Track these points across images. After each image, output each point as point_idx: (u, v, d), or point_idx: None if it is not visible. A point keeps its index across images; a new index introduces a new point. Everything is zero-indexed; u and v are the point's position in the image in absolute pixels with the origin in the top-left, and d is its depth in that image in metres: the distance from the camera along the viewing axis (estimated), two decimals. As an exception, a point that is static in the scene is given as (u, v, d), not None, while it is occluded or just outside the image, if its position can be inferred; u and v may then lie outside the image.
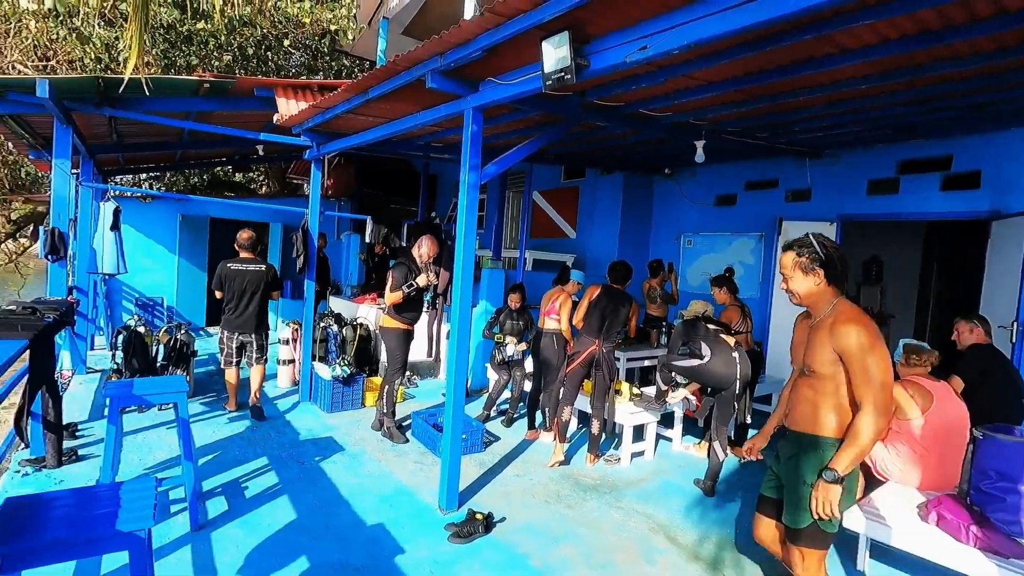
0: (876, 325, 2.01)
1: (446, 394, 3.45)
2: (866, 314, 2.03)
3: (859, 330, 1.95)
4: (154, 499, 1.74)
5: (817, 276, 2.06)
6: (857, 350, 1.94)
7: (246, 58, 9.48)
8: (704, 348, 4.03)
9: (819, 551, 2.10)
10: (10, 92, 3.84)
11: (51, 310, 3.20)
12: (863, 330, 1.94)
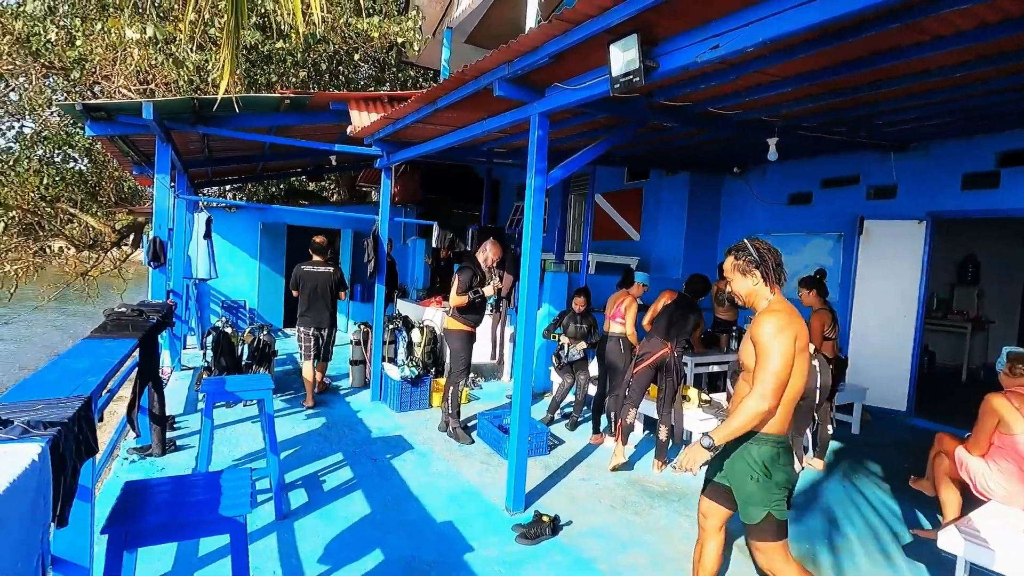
0: (789, 317, 2.06)
1: (512, 397, 3.50)
2: (786, 313, 2.08)
3: (766, 319, 2.05)
4: (250, 488, 1.88)
5: (754, 277, 2.19)
6: (761, 337, 2.03)
7: (319, 73, 9.99)
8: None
9: (778, 541, 2.14)
10: (120, 115, 4.26)
11: (154, 312, 3.52)
12: (770, 319, 2.04)
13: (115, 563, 1.58)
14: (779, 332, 2.01)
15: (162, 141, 4.55)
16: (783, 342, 2.00)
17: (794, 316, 2.08)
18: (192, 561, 2.76)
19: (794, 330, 2.04)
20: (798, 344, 2.04)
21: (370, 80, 12.24)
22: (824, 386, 3.75)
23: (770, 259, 2.18)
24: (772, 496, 2.10)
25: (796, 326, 2.06)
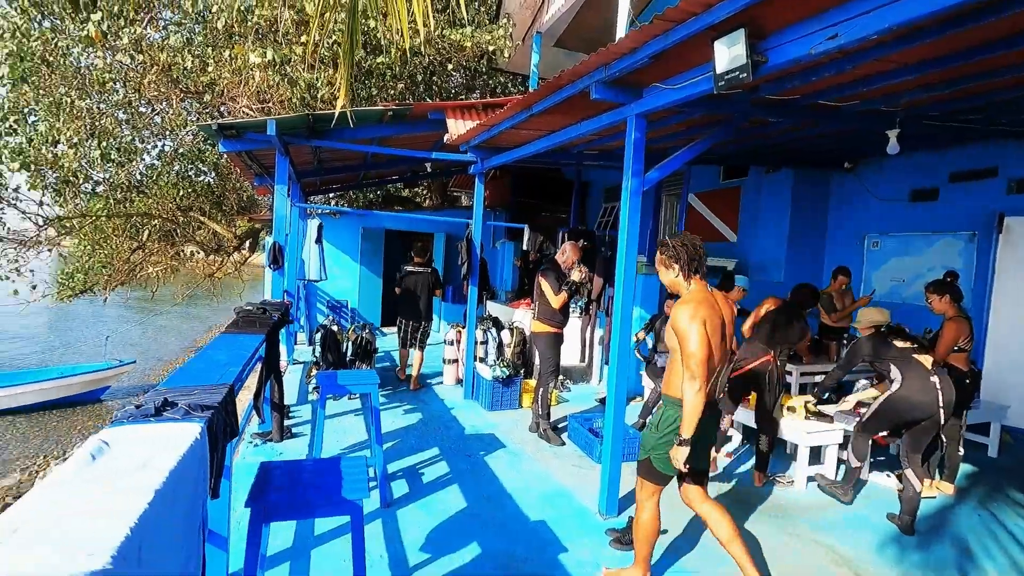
0: (698, 304, 2.37)
1: (606, 400, 3.48)
2: (696, 302, 2.39)
3: (680, 308, 2.39)
4: (366, 475, 2.03)
5: (673, 269, 2.54)
6: (678, 325, 2.37)
7: (415, 84, 10.46)
8: (894, 370, 3.56)
9: (652, 484, 2.58)
10: (248, 132, 4.73)
11: (275, 310, 3.85)
12: (683, 308, 2.38)
13: (256, 534, 1.77)
14: (692, 319, 2.34)
15: (281, 154, 4.99)
16: (697, 327, 2.32)
17: (704, 303, 2.41)
18: (308, 540, 3.01)
19: (703, 313, 2.36)
20: (709, 324, 2.36)
21: (461, 88, 12.64)
22: (948, 403, 3.39)
23: (685, 254, 2.49)
24: (656, 447, 2.52)
25: (704, 311, 2.37)
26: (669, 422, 2.47)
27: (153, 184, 11.21)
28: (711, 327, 2.37)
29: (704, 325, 2.33)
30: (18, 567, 0.89)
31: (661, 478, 2.55)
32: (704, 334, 2.32)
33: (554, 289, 4.62)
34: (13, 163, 8.64)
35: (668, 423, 2.47)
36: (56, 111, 8.72)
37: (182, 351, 14.88)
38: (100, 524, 1.04)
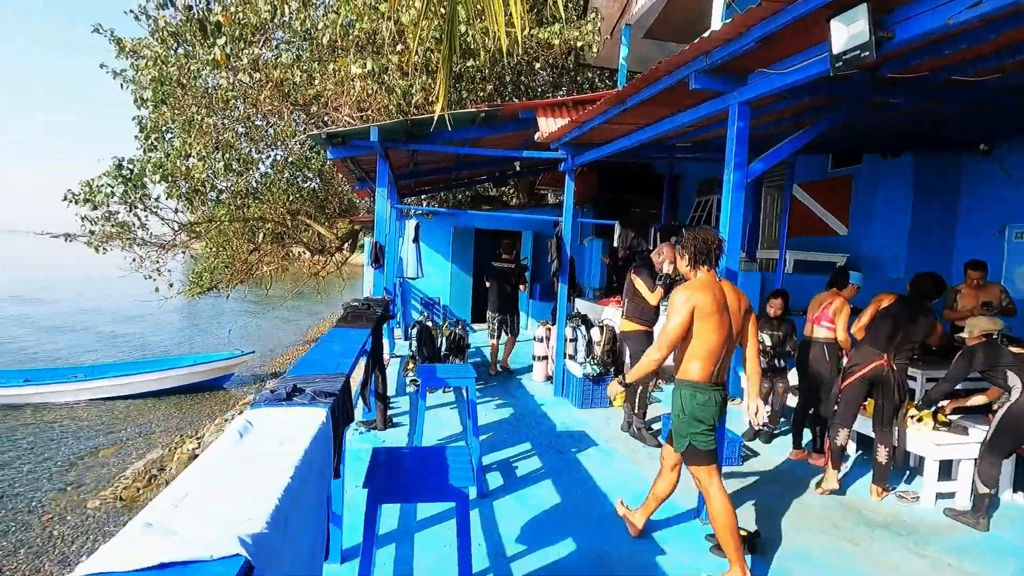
0: (693, 289, 2.64)
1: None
2: (693, 287, 2.67)
3: (679, 291, 2.69)
4: (470, 464, 2.10)
5: (684, 259, 2.83)
6: (671, 303, 2.69)
7: (503, 85, 10.63)
8: (1012, 377, 3.19)
9: (703, 466, 2.70)
10: (352, 139, 5.05)
11: (378, 306, 4.08)
12: (681, 291, 2.67)
13: (373, 513, 1.90)
14: (684, 302, 2.63)
15: (382, 158, 5.28)
16: (683, 309, 2.62)
17: (704, 289, 2.65)
18: (411, 524, 3.17)
19: (696, 299, 2.62)
20: (701, 308, 2.60)
21: (547, 86, 12.66)
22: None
23: (692, 247, 2.76)
24: (691, 429, 2.67)
25: (699, 297, 2.62)
26: (690, 403, 2.68)
27: (267, 191, 12.26)
28: (704, 312, 2.62)
29: (691, 309, 2.63)
30: (193, 525, 1.03)
31: (707, 456, 2.70)
32: (686, 318, 2.62)
33: (649, 286, 4.54)
34: (155, 175, 9.81)
35: (689, 403, 2.68)
36: (188, 128, 9.78)
37: (292, 343, 16.15)
38: (255, 493, 1.17)
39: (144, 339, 16.23)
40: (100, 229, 10.36)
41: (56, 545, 5.70)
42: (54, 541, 5.77)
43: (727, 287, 2.77)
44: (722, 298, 2.68)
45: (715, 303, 2.64)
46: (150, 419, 9.35)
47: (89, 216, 10.15)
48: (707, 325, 2.61)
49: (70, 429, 8.76)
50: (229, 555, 0.93)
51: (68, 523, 6.10)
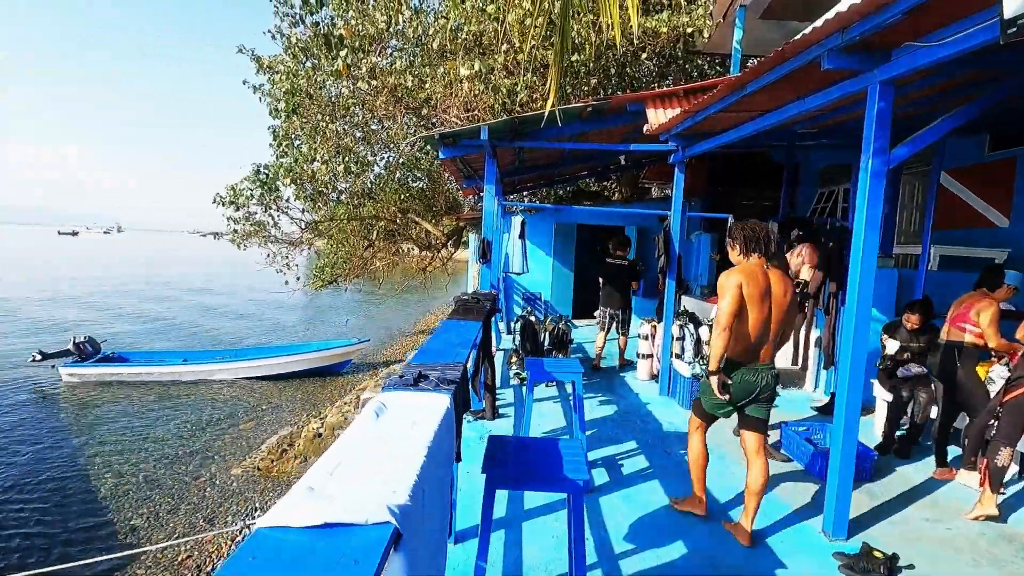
0: (739, 274, 2.86)
1: (834, 411, 3.10)
2: (740, 272, 2.89)
3: (726, 274, 2.92)
4: (584, 457, 2.11)
5: (736, 249, 3.03)
6: (719, 286, 2.92)
7: (608, 77, 10.46)
8: None
9: (696, 418, 3.20)
10: (462, 139, 5.24)
11: (487, 300, 4.21)
12: (728, 274, 2.91)
13: (491, 498, 1.98)
14: (734, 284, 2.84)
15: (490, 157, 5.43)
16: (731, 290, 2.83)
17: (750, 274, 2.87)
18: (519, 513, 3.24)
19: (740, 280, 2.84)
20: (746, 290, 2.82)
21: (653, 76, 12.27)
22: None
23: (742, 236, 2.99)
24: (706, 390, 3.05)
25: (743, 279, 2.84)
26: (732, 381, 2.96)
27: (380, 191, 13.09)
28: (748, 295, 2.84)
29: (740, 290, 2.83)
30: (346, 492, 1.14)
31: (704, 415, 3.16)
32: (737, 297, 2.82)
33: None
34: (286, 179, 10.84)
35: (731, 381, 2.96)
36: (313, 135, 10.69)
37: (401, 334, 17.13)
38: (396, 467, 1.27)
39: (276, 326, 18.01)
40: (241, 228, 11.66)
41: (207, 504, 6.51)
42: (206, 501, 6.59)
43: (774, 276, 2.95)
44: (766, 284, 2.90)
45: (758, 289, 2.87)
46: (280, 399, 10.37)
47: (233, 216, 11.45)
48: (749, 309, 2.86)
49: (217, 404, 9.96)
50: (381, 522, 1.02)
51: (216, 486, 6.94)
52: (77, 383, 10.56)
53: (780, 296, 2.91)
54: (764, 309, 2.86)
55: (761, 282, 2.87)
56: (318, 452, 7.66)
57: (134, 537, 5.76)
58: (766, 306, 2.87)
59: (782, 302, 2.91)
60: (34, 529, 5.85)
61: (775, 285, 2.91)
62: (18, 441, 8.06)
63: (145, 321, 18.16)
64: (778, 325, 2.93)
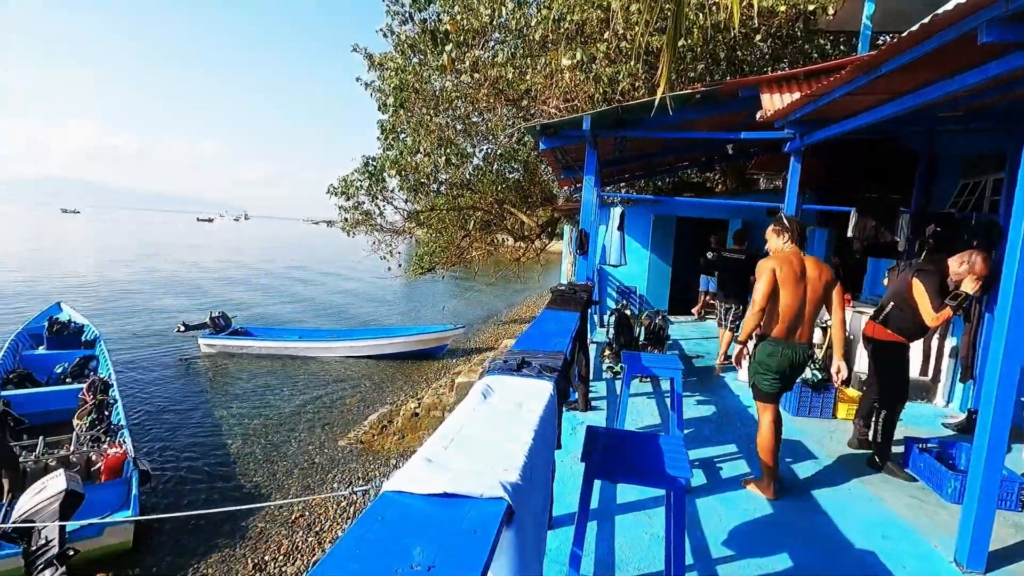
0: (775, 259, 3.25)
1: (977, 430, 2.76)
2: (774, 258, 3.28)
3: (763, 260, 3.31)
4: (686, 454, 2.06)
5: (783, 238, 3.40)
6: (757, 270, 3.30)
7: (716, 62, 9.94)
8: None
9: (762, 402, 3.40)
10: (563, 129, 5.23)
11: (583, 291, 4.19)
12: (765, 260, 3.29)
13: (589, 487, 1.99)
14: (768, 269, 3.20)
15: (591, 147, 5.37)
16: (766, 274, 3.20)
17: (784, 259, 3.23)
18: (611, 506, 3.22)
19: (774, 266, 3.20)
20: (779, 274, 3.17)
21: (767, 60, 11.47)
22: None
23: (786, 226, 3.38)
24: (757, 371, 3.33)
25: (775, 264, 3.20)
26: (762, 353, 3.30)
27: (478, 182, 13.42)
28: (781, 278, 3.18)
29: (773, 274, 3.18)
30: (461, 465, 1.20)
31: (767, 396, 3.35)
32: (770, 281, 3.17)
33: (934, 303, 3.60)
34: (391, 170, 11.43)
35: (761, 353, 3.30)
36: (417, 128, 11.16)
37: (493, 322, 17.51)
38: (506, 447, 1.31)
39: (378, 309, 19.12)
40: (351, 216, 12.47)
41: (316, 471, 7.09)
42: (315, 467, 7.18)
43: (809, 261, 3.30)
44: (800, 268, 3.25)
45: (793, 272, 3.21)
46: (381, 378, 11.02)
47: (343, 205, 12.28)
48: (783, 290, 3.18)
49: (326, 379, 10.79)
50: (495, 497, 1.07)
51: (324, 455, 7.53)
52: (212, 353, 11.89)
53: (815, 279, 3.25)
54: (798, 291, 3.21)
55: (795, 266, 3.23)
56: (414, 430, 8.07)
57: (256, 492, 6.42)
58: (800, 288, 3.21)
59: (817, 285, 3.24)
60: (181, 475, 6.70)
61: (810, 269, 3.27)
62: (166, 399, 9.25)
63: (270, 299, 20.01)
64: (812, 305, 3.25)
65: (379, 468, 7.03)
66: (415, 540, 0.92)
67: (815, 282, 3.22)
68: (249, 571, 4.84)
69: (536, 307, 20.18)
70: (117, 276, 24.05)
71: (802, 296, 3.19)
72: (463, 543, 0.92)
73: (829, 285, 3.27)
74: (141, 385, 9.78)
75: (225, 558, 5.03)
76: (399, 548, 0.90)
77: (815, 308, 3.24)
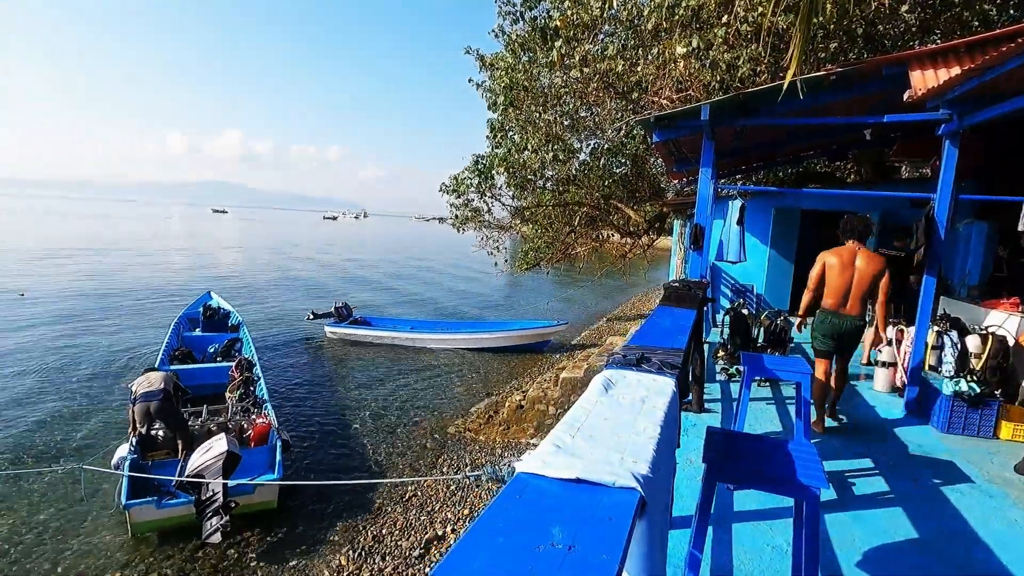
0: (828, 253, 4.19)
1: None
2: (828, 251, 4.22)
3: (822, 252, 4.26)
4: (820, 463, 1.92)
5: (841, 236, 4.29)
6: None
7: (852, 39, 9.01)
8: None
9: (816, 359, 4.35)
10: (678, 120, 5.04)
11: (699, 288, 4.02)
12: (822, 253, 4.24)
13: (711, 489, 1.92)
14: (818, 260, 4.24)
15: (708, 138, 5.12)
16: (817, 264, 4.23)
17: (835, 252, 4.18)
18: (728, 511, 3.08)
19: (825, 258, 4.21)
20: (828, 264, 4.17)
21: (911, 34, 10.20)
22: None
23: (845, 225, 4.26)
24: (814, 336, 4.32)
25: (827, 256, 4.21)
26: (816, 321, 4.29)
27: (584, 177, 13.32)
28: (829, 267, 4.15)
29: (823, 264, 4.19)
30: (589, 453, 1.22)
31: (820, 354, 4.29)
32: (820, 268, 4.20)
33: None
34: (500, 167, 11.69)
35: (816, 321, 4.30)
36: (525, 125, 11.31)
37: (597, 319, 17.33)
38: (634, 440, 1.31)
39: (483, 303, 19.70)
40: (461, 213, 12.95)
41: (427, 454, 7.48)
42: (426, 451, 7.57)
43: (862, 254, 4.12)
44: (851, 261, 4.11)
45: (841, 262, 4.12)
46: (486, 370, 11.36)
47: (454, 203, 12.78)
48: (831, 275, 4.14)
49: (436, 368, 11.33)
50: (627, 487, 1.08)
51: (434, 440, 7.92)
52: (336, 340, 12.96)
53: (863, 268, 4.07)
54: (845, 277, 4.09)
55: (845, 259, 4.12)
56: (519, 423, 8.23)
57: (374, 469, 6.92)
58: (847, 274, 4.09)
59: (864, 273, 4.06)
60: (312, 447, 7.41)
61: (860, 261, 4.10)
62: (298, 379, 10.25)
63: (385, 291, 21.40)
64: (859, 288, 4.08)
65: (485, 456, 7.26)
66: (552, 521, 0.96)
67: (863, 271, 4.06)
68: (368, 542, 5.23)
69: (642, 305, 19.66)
70: (256, 268, 26.99)
71: (849, 280, 4.08)
72: (600, 528, 0.94)
73: (876, 275, 4.06)
74: (277, 365, 10.91)
75: (348, 527, 5.48)
76: (538, 527, 0.94)
77: (862, 291, 4.07)
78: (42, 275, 20.24)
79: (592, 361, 9.48)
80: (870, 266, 4.05)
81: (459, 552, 0.86)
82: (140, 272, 22.68)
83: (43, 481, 6.05)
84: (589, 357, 10.23)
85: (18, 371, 9.76)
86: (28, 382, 9.29)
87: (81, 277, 20.37)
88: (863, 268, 4.04)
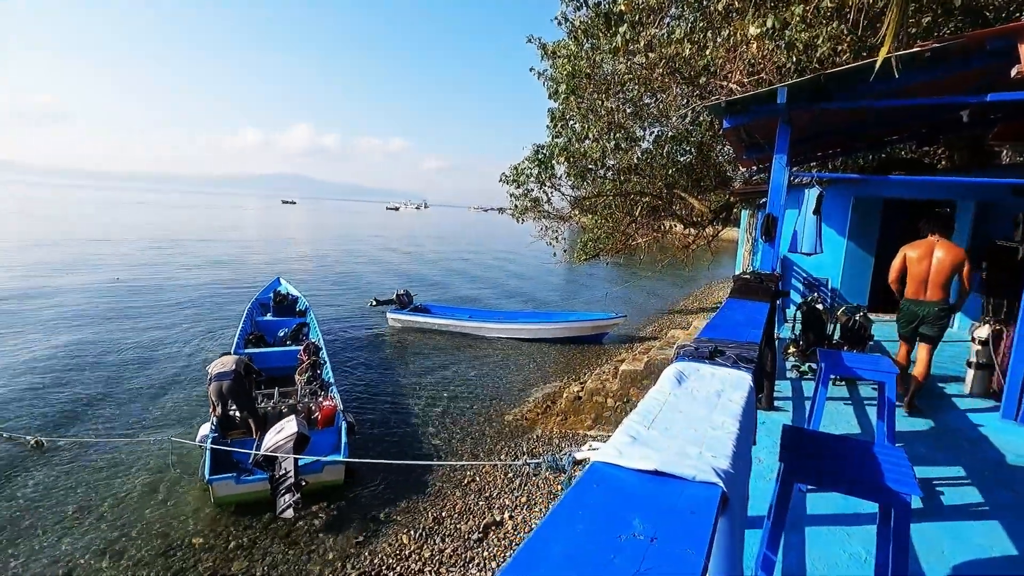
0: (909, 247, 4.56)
1: None
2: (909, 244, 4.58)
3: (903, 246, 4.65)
4: (911, 468, 1.79)
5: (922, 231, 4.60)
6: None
7: (948, 12, 8.27)
8: None
9: (900, 341, 4.77)
10: (752, 105, 4.80)
11: (771, 281, 3.84)
12: (904, 247, 4.61)
13: (788, 489, 1.84)
14: (899, 253, 4.61)
15: (784, 123, 4.85)
16: (898, 256, 4.61)
17: (915, 245, 4.53)
18: (800, 514, 2.94)
19: (905, 251, 4.56)
20: (909, 256, 4.53)
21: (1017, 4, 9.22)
22: None
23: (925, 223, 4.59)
24: (898, 322, 4.68)
25: (907, 249, 4.57)
26: (901, 307, 4.65)
27: (647, 166, 12.98)
28: (909, 259, 4.54)
29: (903, 256, 4.59)
30: (668, 446, 1.19)
31: (901, 337, 4.70)
32: (901, 260, 4.61)
33: None
34: (560, 156, 11.58)
35: (901, 307, 4.65)
36: (587, 114, 11.12)
37: (657, 312, 16.95)
38: (712, 434, 1.27)
39: (541, 293, 19.70)
40: (520, 203, 12.95)
41: (485, 441, 7.59)
42: (484, 437, 7.69)
43: (942, 246, 4.40)
44: (929, 251, 4.43)
45: (918, 254, 4.48)
46: (544, 360, 11.37)
47: (514, 193, 12.79)
48: (911, 265, 4.49)
49: (494, 357, 11.45)
50: (708, 482, 1.04)
51: (492, 427, 8.03)
52: (397, 327, 13.34)
53: (942, 259, 4.36)
54: (923, 267, 4.43)
55: (924, 251, 4.46)
56: (577, 413, 8.20)
57: (435, 453, 7.10)
58: (925, 264, 4.43)
59: (943, 263, 4.34)
60: (376, 429, 7.70)
61: (939, 252, 4.39)
62: (362, 363, 10.64)
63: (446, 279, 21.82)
64: (939, 276, 4.36)
65: (543, 446, 7.28)
66: (632, 512, 0.94)
67: (942, 260, 4.36)
68: (429, 523, 5.38)
69: (704, 298, 19.05)
70: (322, 256, 28.16)
71: (927, 269, 4.41)
72: (683, 522, 0.92)
73: (955, 265, 4.33)
74: (341, 350, 11.36)
75: (410, 508, 5.66)
76: (618, 517, 0.92)
77: (941, 279, 4.36)
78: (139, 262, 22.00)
79: (653, 354, 9.29)
80: (948, 256, 4.32)
81: (539, 537, 0.86)
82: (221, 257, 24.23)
83: (137, 449, 6.60)
84: (649, 350, 10.03)
85: (114, 348, 10.67)
86: (126, 357, 10.14)
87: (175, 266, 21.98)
88: (942, 258, 4.34)
